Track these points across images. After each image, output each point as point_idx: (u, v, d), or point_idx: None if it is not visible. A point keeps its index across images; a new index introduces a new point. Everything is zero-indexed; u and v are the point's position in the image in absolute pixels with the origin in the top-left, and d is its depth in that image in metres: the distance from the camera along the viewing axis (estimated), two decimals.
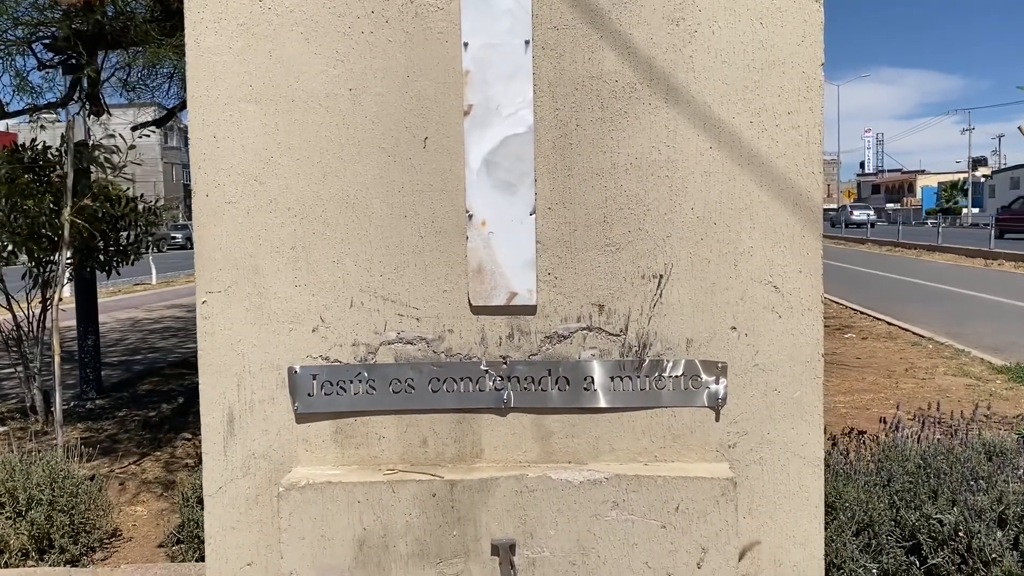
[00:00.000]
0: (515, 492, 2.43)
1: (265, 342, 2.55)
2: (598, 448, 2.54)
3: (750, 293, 2.50)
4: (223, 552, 2.59)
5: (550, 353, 2.53)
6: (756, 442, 2.53)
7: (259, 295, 2.54)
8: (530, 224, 2.50)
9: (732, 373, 2.51)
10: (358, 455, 2.57)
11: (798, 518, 2.54)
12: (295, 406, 2.55)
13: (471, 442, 2.56)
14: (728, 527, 2.40)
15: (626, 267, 2.50)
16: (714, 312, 2.51)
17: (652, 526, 2.41)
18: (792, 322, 2.51)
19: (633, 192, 2.49)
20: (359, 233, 2.52)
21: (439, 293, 2.53)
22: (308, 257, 2.53)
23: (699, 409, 2.52)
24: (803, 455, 2.53)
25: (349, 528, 2.44)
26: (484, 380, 2.53)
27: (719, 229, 2.49)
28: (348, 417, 2.56)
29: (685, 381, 2.51)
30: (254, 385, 2.56)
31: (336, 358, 2.55)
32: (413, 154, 2.51)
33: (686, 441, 2.53)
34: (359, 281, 2.53)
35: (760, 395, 2.52)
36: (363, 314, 2.54)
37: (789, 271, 2.50)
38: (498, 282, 2.51)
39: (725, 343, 2.51)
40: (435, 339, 2.54)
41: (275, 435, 2.57)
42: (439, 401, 2.54)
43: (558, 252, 2.51)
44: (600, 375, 2.51)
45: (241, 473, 2.57)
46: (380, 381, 2.54)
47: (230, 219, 2.53)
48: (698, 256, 2.50)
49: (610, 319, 2.52)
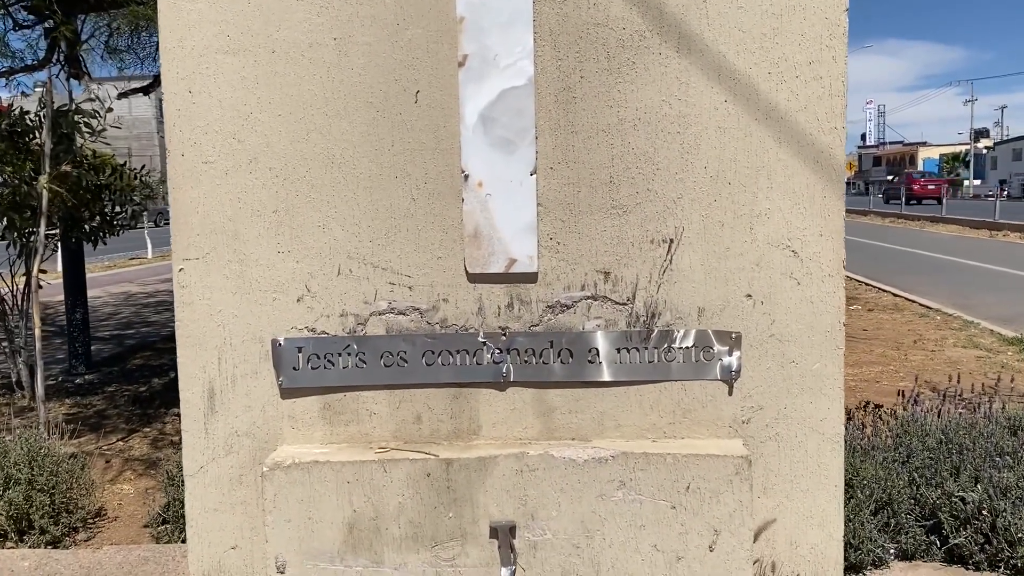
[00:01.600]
0: (515, 471, 2.28)
1: (247, 313, 2.38)
2: (603, 424, 2.38)
3: (767, 258, 2.32)
4: (205, 535, 2.44)
5: (552, 323, 2.36)
6: (772, 417, 2.37)
7: (240, 262, 2.37)
8: (530, 185, 2.32)
9: (747, 344, 2.35)
10: (347, 432, 2.41)
11: (816, 497, 2.38)
12: (280, 381, 2.38)
13: (468, 418, 2.40)
14: (742, 508, 2.25)
15: (634, 231, 2.33)
16: (728, 279, 2.33)
17: (661, 507, 2.26)
18: (811, 289, 2.34)
19: (642, 150, 2.31)
20: (346, 195, 2.34)
21: (433, 260, 2.35)
22: (292, 221, 2.35)
23: (711, 382, 2.36)
24: (822, 431, 2.37)
25: (338, 510, 2.29)
26: (482, 352, 2.36)
27: (734, 190, 2.31)
28: (337, 392, 2.40)
29: (696, 353, 2.35)
30: (236, 358, 2.39)
31: (323, 330, 2.38)
32: (404, 109, 2.32)
33: (697, 416, 2.37)
34: (347, 247, 2.35)
35: (776, 367, 2.36)
36: (351, 282, 2.37)
37: (809, 234, 2.32)
38: (496, 248, 2.33)
39: (739, 312, 2.34)
40: (429, 309, 2.37)
41: (259, 411, 2.41)
42: (434, 375, 2.37)
43: (561, 215, 2.33)
44: (605, 347, 2.35)
45: (223, 452, 2.42)
46: (371, 354, 2.37)
47: (207, 180, 2.35)
48: (711, 219, 2.32)
49: (616, 287, 2.35)
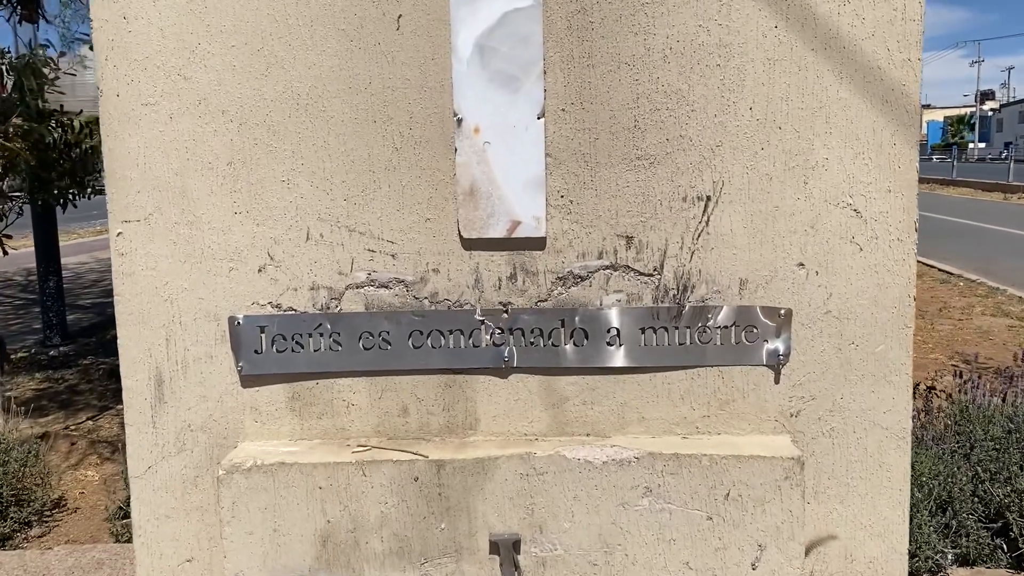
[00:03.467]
0: (519, 475, 1.90)
1: (199, 285, 1.99)
2: (624, 418, 2.01)
3: (823, 219, 1.93)
4: (156, 546, 2.08)
5: (563, 298, 1.97)
6: (826, 409, 1.99)
7: (189, 225, 1.97)
8: (538, 131, 1.91)
9: (797, 322, 1.96)
10: (321, 427, 2.04)
11: (876, 503, 2.01)
12: (239, 366, 2.00)
13: (463, 411, 2.02)
14: (792, 519, 1.88)
15: (662, 187, 1.93)
16: (776, 244, 1.94)
17: (695, 518, 1.89)
18: (877, 255, 1.94)
19: (673, 87, 1.90)
20: (315, 144, 1.94)
21: (420, 223, 1.96)
22: (250, 175, 1.95)
23: (754, 368, 1.98)
24: (885, 425, 1.99)
25: (309, 520, 1.92)
26: (479, 333, 1.98)
27: (785, 136, 1.90)
28: (307, 380, 2.02)
29: (737, 333, 1.96)
30: (187, 340, 2.01)
31: (290, 305, 1.99)
32: (383, 38, 1.91)
33: (737, 408, 1.99)
34: (316, 207, 1.96)
35: (832, 350, 1.97)
36: (323, 249, 1.97)
37: (875, 190, 1.92)
38: (496, 208, 1.93)
39: (789, 284, 1.95)
40: (416, 281, 1.98)
41: (216, 402, 2.03)
42: (423, 359, 1.99)
43: (574, 168, 1.93)
44: (627, 326, 1.96)
45: (175, 449, 2.04)
46: (347, 334, 1.99)
47: (148, 126, 1.95)
48: (757, 171, 1.92)
49: (641, 254, 1.95)
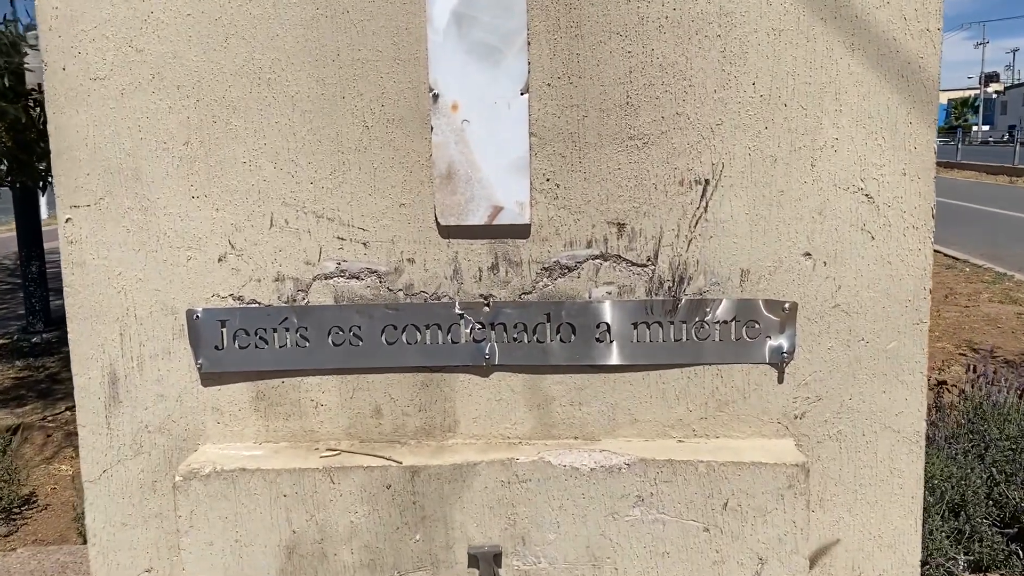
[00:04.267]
0: (501, 483, 1.76)
1: (155, 276, 1.84)
2: (615, 420, 1.86)
3: (832, 204, 1.77)
4: (112, 555, 1.93)
5: (549, 291, 1.82)
6: (833, 411, 1.84)
7: (143, 210, 1.82)
8: (521, 107, 1.75)
9: (803, 317, 1.81)
10: (288, 429, 1.89)
11: (887, 512, 1.87)
12: (199, 363, 1.85)
13: (441, 412, 1.87)
14: (795, 530, 1.74)
15: (657, 169, 1.77)
16: (781, 232, 1.78)
17: (691, 529, 1.75)
18: (889, 245, 1.78)
19: (669, 60, 1.73)
20: (278, 122, 1.78)
21: (394, 208, 1.80)
22: (208, 156, 1.79)
23: (756, 366, 1.83)
24: (897, 428, 1.84)
25: (273, 531, 1.78)
26: (458, 328, 1.82)
27: (791, 113, 1.74)
28: (272, 378, 1.87)
29: (738, 328, 1.81)
30: (142, 335, 1.86)
31: (253, 298, 1.84)
32: (352, 5, 1.74)
33: (736, 410, 1.84)
34: (281, 191, 1.80)
35: (841, 347, 1.82)
36: (288, 237, 1.82)
37: (888, 173, 1.76)
38: (476, 192, 1.78)
39: (795, 275, 1.79)
40: (390, 272, 1.82)
41: (174, 402, 1.88)
42: (397, 356, 1.84)
43: (561, 149, 1.77)
44: (619, 321, 1.81)
45: (131, 452, 1.90)
46: (316, 329, 1.84)
47: (98, 103, 1.79)
48: (760, 152, 1.76)
49: (634, 243, 1.80)
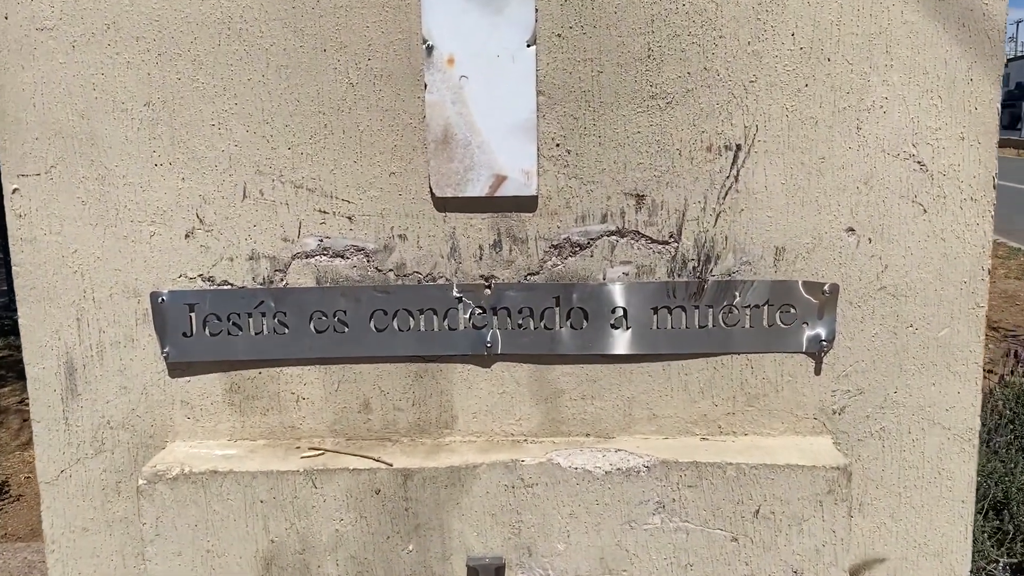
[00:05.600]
0: (504, 487, 1.57)
1: (114, 254, 1.63)
2: (631, 415, 1.66)
3: (879, 173, 1.56)
4: (72, 564, 1.74)
5: (559, 271, 1.61)
6: (876, 406, 1.64)
7: (99, 179, 1.61)
8: (527, 62, 1.53)
9: (844, 301, 1.60)
10: (266, 425, 1.69)
11: (934, 517, 1.68)
12: (165, 351, 1.65)
13: (437, 406, 1.67)
14: (835, 540, 1.55)
15: (682, 133, 1.56)
16: (821, 204, 1.57)
17: (717, 539, 1.56)
18: (944, 219, 1.58)
19: (697, 7, 1.52)
20: (251, 79, 1.56)
21: (383, 177, 1.59)
22: (173, 118, 1.58)
23: (790, 356, 1.63)
24: (947, 424, 1.65)
25: (249, 540, 1.59)
26: (456, 313, 1.62)
27: (835, 69, 1.53)
28: (248, 368, 1.67)
29: (771, 313, 1.61)
30: (102, 320, 1.65)
31: (225, 279, 1.64)
32: None
33: (768, 404, 1.65)
34: (254, 157, 1.59)
35: (886, 334, 1.62)
36: (264, 210, 1.61)
37: (944, 137, 1.55)
38: (476, 159, 1.57)
39: (836, 254, 1.59)
40: (379, 250, 1.62)
41: (139, 395, 1.68)
42: (387, 345, 1.64)
43: (572, 109, 1.55)
44: (636, 305, 1.61)
45: (92, 450, 1.70)
46: (296, 314, 1.63)
47: (46, 57, 1.57)
48: (799, 114, 1.54)
49: (654, 217, 1.59)
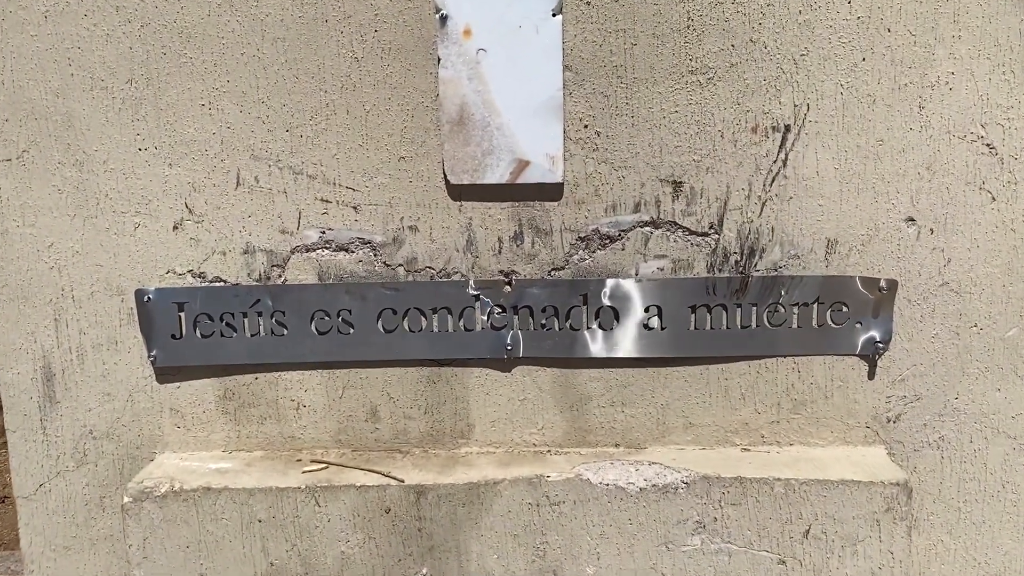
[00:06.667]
0: (527, 505, 1.42)
1: (95, 248, 1.48)
2: (665, 424, 1.51)
3: (944, 157, 1.40)
4: None
5: (586, 266, 1.46)
6: (935, 412, 1.49)
7: (77, 166, 1.45)
8: (553, 33, 1.37)
9: (903, 298, 1.45)
10: (264, 435, 1.55)
11: (996, 534, 1.54)
12: (152, 355, 1.50)
13: (452, 414, 1.53)
14: (893, 562, 1.40)
15: (725, 112, 1.40)
16: (878, 192, 1.42)
17: (763, 561, 1.41)
18: (1015, 208, 1.42)
19: None
20: (245, 53, 1.40)
21: (392, 163, 1.43)
22: (158, 98, 1.42)
23: (842, 359, 1.48)
24: (1013, 433, 1.50)
25: (246, 562, 1.44)
26: (473, 312, 1.47)
27: (896, 41, 1.37)
28: (243, 373, 1.52)
29: (821, 312, 1.45)
30: (83, 320, 1.50)
31: (217, 275, 1.48)
32: None
33: (816, 411, 1.50)
34: (248, 140, 1.43)
35: (948, 334, 1.47)
36: (259, 199, 1.45)
37: (1017, 117, 1.39)
38: (496, 142, 1.41)
39: (894, 246, 1.44)
40: (387, 243, 1.46)
41: (124, 402, 1.53)
42: (397, 347, 1.49)
43: (603, 86, 1.40)
44: (672, 303, 1.45)
45: (73, 463, 1.56)
46: (295, 313, 1.48)
47: (15, 29, 1.41)
48: (855, 91, 1.39)
49: (692, 207, 1.43)
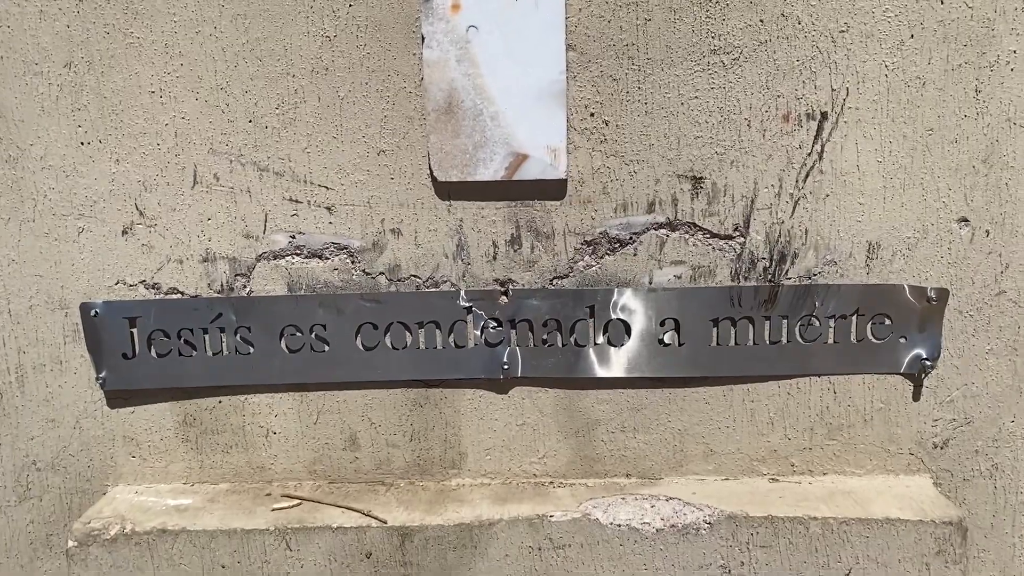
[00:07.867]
0: (527, 549, 1.25)
1: (34, 256, 1.30)
2: (683, 451, 1.34)
3: (1003, 148, 1.23)
4: None
5: (593, 273, 1.28)
6: (988, 438, 1.32)
7: (10, 163, 1.27)
8: (554, 7, 1.19)
9: (953, 309, 1.28)
10: (229, 465, 1.37)
11: None
12: (101, 376, 1.32)
13: (441, 441, 1.35)
14: None
15: (752, 98, 1.22)
16: (927, 188, 1.24)
17: None
18: None
19: None
20: (201, 32, 1.22)
21: (370, 157, 1.25)
22: (102, 84, 1.24)
23: (884, 378, 1.30)
24: None
25: None
26: (464, 327, 1.29)
27: (949, 15, 1.19)
28: (205, 396, 1.34)
29: (861, 325, 1.28)
30: (21, 338, 1.32)
31: (173, 286, 1.31)
32: None
33: (853, 437, 1.32)
34: (206, 132, 1.25)
35: (1004, 350, 1.29)
36: (220, 199, 1.27)
37: None
38: (489, 133, 1.23)
39: (945, 250, 1.26)
40: (366, 248, 1.29)
41: (71, 429, 1.35)
42: (379, 366, 1.31)
43: (612, 68, 1.22)
44: (691, 316, 1.28)
45: (15, 497, 1.38)
46: (263, 329, 1.30)
47: None
48: (901, 73, 1.21)
49: (714, 206, 1.26)
